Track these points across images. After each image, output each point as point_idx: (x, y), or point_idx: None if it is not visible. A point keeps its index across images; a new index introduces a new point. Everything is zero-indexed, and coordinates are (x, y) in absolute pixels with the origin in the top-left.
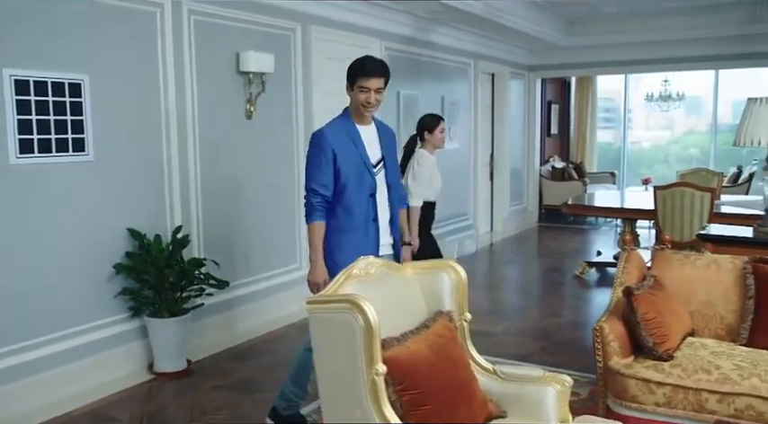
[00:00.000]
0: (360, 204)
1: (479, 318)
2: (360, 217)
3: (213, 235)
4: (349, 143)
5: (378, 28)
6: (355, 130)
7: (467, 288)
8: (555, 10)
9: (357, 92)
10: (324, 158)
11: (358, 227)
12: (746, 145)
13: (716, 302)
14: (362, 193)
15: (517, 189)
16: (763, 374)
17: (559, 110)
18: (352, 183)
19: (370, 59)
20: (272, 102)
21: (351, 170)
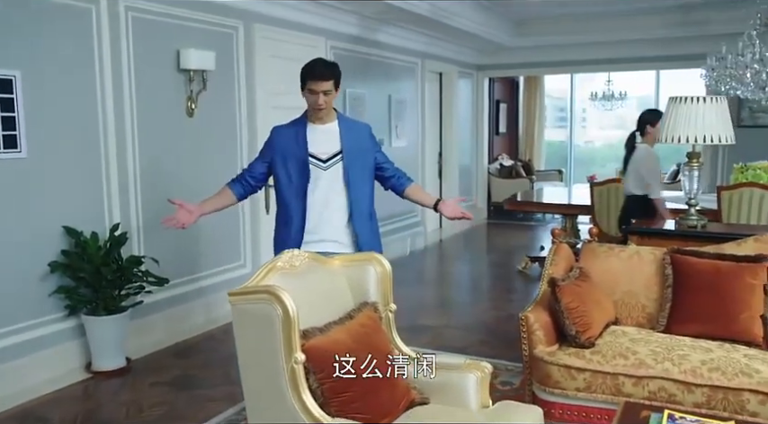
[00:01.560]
0: (294, 200)
1: (424, 312)
2: (294, 212)
3: (154, 233)
4: (293, 141)
5: (324, 27)
6: (303, 130)
7: (391, 280)
8: (501, 11)
9: (307, 94)
10: (263, 149)
11: (289, 221)
12: (668, 142)
13: (638, 291)
14: (297, 189)
15: (466, 186)
16: (675, 358)
17: (508, 109)
18: (284, 178)
19: (319, 63)
20: (214, 100)
21: (288, 165)
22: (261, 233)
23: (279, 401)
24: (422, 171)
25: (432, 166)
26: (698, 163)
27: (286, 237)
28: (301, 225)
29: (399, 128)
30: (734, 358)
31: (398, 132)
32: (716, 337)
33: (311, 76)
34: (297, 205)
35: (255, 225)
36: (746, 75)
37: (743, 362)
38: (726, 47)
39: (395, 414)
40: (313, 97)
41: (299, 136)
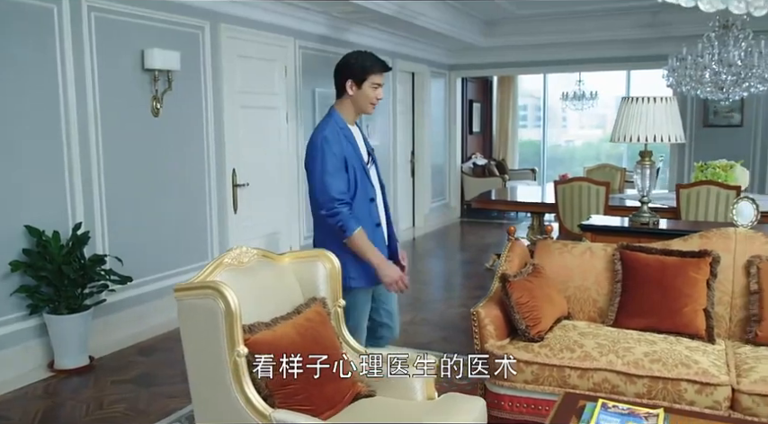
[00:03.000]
0: (365, 210)
1: None
2: (367, 225)
3: (120, 232)
4: (348, 146)
5: (292, 27)
6: (349, 131)
7: (340, 276)
8: (470, 11)
9: (368, 88)
10: (336, 164)
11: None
12: (621, 141)
13: (589, 286)
14: (365, 198)
15: (439, 185)
16: (620, 350)
17: (481, 109)
18: (358, 189)
19: (374, 54)
20: (179, 100)
21: (357, 174)
22: (228, 232)
23: (222, 394)
24: (394, 170)
25: (404, 165)
26: (650, 161)
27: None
28: (381, 234)
29: (370, 127)
30: (676, 350)
31: (369, 131)
32: (662, 330)
33: (379, 68)
34: (371, 212)
35: (223, 224)
36: (705, 75)
37: (684, 354)
38: (686, 48)
39: (340, 406)
40: (376, 91)
41: (350, 140)
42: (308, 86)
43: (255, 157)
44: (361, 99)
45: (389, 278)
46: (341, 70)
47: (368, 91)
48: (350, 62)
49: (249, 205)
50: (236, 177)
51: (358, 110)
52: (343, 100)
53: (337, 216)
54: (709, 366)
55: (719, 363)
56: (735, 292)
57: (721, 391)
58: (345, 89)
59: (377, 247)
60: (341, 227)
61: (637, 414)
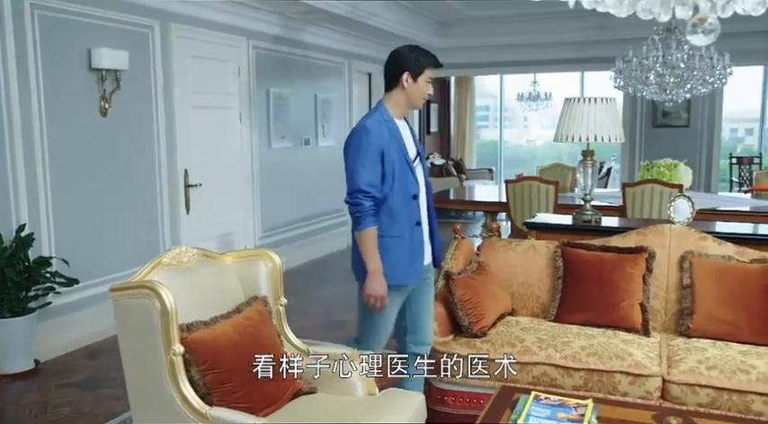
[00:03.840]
0: (403, 206)
1: (343, 308)
2: (404, 221)
3: (67, 233)
4: (392, 139)
5: (245, 27)
6: (395, 125)
7: (282, 275)
8: (423, 12)
9: (423, 82)
10: (370, 155)
11: (403, 232)
12: (564, 140)
13: (533, 283)
14: (406, 194)
15: None
16: (559, 345)
17: (439, 109)
18: (396, 184)
19: (424, 48)
20: (129, 100)
21: (396, 168)
22: (181, 233)
23: (159, 393)
24: None
25: None
26: (591, 160)
27: (407, 249)
28: (420, 233)
29: (326, 127)
30: (612, 343)
31: (325, 132)
32: (600, 324)
33: (434, 63)
34: (412, 210)
35: (175, 225)
36: (650, 77)
37: (619, 347)
38: (632, 50)
39: (279, 403)
40: (428, 86)
41: (395, 134)
42: (262, 86)
43: (208, 157)
44: (415, 92)
45: (371, 291)
46: (397, 63)
47: (422, 85)
48: (406, 55)
49: (202, 205)
50: (188, 177)
51: (409, 103)
52: (394, 93)
53: (357, 207)
54: (642, 358)
55: (652, 355)
56: (669, 286)
57: (652, 381)
58: (399, 82)
59: (415, 246)
60: (356, 219)
61: (567, 405)
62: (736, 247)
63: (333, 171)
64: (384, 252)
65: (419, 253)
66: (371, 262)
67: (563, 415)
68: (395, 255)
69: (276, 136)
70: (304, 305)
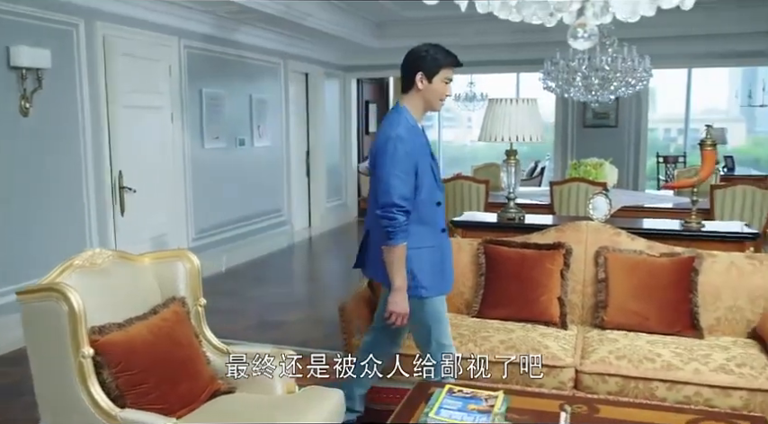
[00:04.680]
0: (432, 215)
1: (277, 309)
2: (433, 229)
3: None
4: (423, 146)
5: (176, 26)
6: (420, 130)
7: (200, 275)
8: (358, 13)
9: (439, 83)
10: (405, 166)
11: (435, 241)
12: (487, 140)
13: (457, 279)
14: (432, 202)
15: (335, 185)
16: (479, 340)
17: (378, 109)
18: (426, 192)
19: (446, 48)
20: (52, 99)
21: (426, 177)
22: (110, 236)
23: (68, 396)
24: (287, 170)
25: (299, 165)
26: (515, 160)
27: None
28: (448, 239)
29: (262, 127)
30: (530, 337)
31: (261, 132)
32: (521, 318)
33: (451, 62)
34: (438, 217)
35: (104, 228)
36: (576, 79)
37: (537, 340)
38: (559, 52)
39: (197, 404)
40: (447, 87)
41: (422, 140)
42: (195, 86)
43: (141, 158)
44: (430, 94)
45: (395, 307)
46: (411, 62)
47: (438, 86)
48: (421, 54)
49: (135, 207)
50: (122, 179)
51: (426, 106)
52: (411, 95)
53: (391, 222)
54: (558, 351)
55: (568, 347)
56: (586, 281)
57: (566, 372)
58: (414, 83)
59: (447, 253)
60: (388, 233)
61: (478, 397)
62: (647, 242)
63: (270, 171)
64: (420, 263)
65: (449, 260)
66: (398, 279)
67: (473, 406)
68: (431, 265)
69: (209, 136)
70: (238, 306)
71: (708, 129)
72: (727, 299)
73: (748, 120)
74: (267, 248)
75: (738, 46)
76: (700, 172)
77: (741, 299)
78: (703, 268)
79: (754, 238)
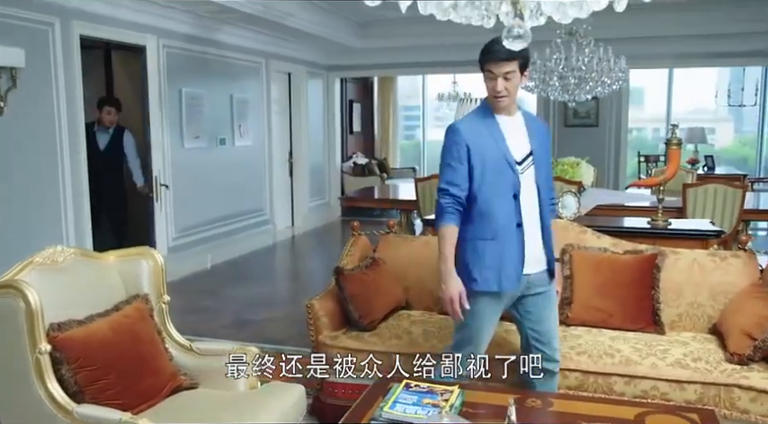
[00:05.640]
0: (500, 207)
1: (253, 308)
2: (500, 222)
3: None
4: (486, 136)
5: (155, 25)
6: (494, 121)
7: (164, 273)
8: (340, 13)
9: (485, 78)
10: (455, 154)
11: (498, 234)
12: None
13: (426, 277)
14: (503, 194)
15: (318, 184)
16: (443, 336)
17: (362, 109)
18: (489, 183)
19: (497, 40)
20: (27, 98)
21: (488, 167)
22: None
23: (25, 392)
24: (269, 169)
25: (281, 165)
26: None
27: (502, 252)
28: (521, 236)
29: (243, 127)
30: (496, 332)
31: (242, 131)
32: None
33: (489, 56)
34: (511, 210)
35: (81, 228)
36: (553, 78)
37: (501, 336)
38: (537, 53)
39: (157, 399)
40: (491, 82)
41: (492, 131)
42: (174, 86)
43: None
44: (486, 89)
45: (444, 293)
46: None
47: (485, 80)
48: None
49: None
50: None
51: (490, 100)
52: None
53: (437, 204)
54: (519, 346)
55: None
56: None
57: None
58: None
59: (512, 250)
60: (436, 214)
61: (434, 391)
62: (612, 239)
63: (252, 170)
64: (475, 255)
65: (517, 258)
66: (442, 262)
67: (428, 401)
68: (487, 259)
69: (189, 135)
70: (216, 305)
71: (673, 129)
72: (689, 296)
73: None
74: (249, 247)
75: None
76: (666, 170)
77: (702, 296)
78: (666, 265)
79: (717, 236)
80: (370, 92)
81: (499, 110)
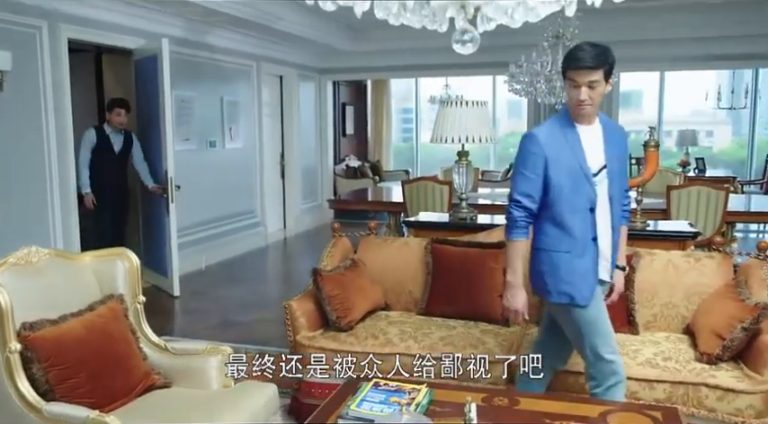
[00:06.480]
0: (575, 220)
1: (240, 309)
2: (576, 237)
3: None
4: (565, 147)
5: (144, 29)
6: (573, 132)
7: (139, 273)
8: (332, 16)
9: (568, 86)
10: (530, 164)
11: (574, 248)
12: (438, 142)
13: (406, 278)
14: (579, 207)
15: (310, 187)
16: (419, 336)
17: (355, 112)
18: (566, 195)
19: (581, 47)
20: (13, 101)
21: (565, 179)
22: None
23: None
24: (260, 171)
25: (273, 167)
26: (466, 161)
27: (577, 265)
28: (595, 250)
29: (234, 129)
30: (471, 333)
31: (233, 134)
32: (465, 316)
33: (572, 64)
34: (586, 224)
35: (68, 229)
36: (540, 81)
37: (476, 336)
38: (524, 56)
39: (129, 398)
40: (574, 91)
41: (572, 142)
42: None
43: None
44: (568, 99)
45: (508, 303)
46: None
47: (569, 90)
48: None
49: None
50: None
51: (571, 109)
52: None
53: (508, 216)
54: (494, 346)
55: (506, 344)
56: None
57: (500, 367)
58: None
59: (588, 264)
60: (507, 227)
61: (402, 390)
62: None
63: (242, 172)
64: (550, 267)
65: (592, 274)
66: (510, 274)
67: (395, 399)
68: (562, 272)
69: (179, 137)
70: (203, 306)
71: (651, 131)
72: (664, 296)
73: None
74: (241, 249)
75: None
76: (644, 172)
77: (677, 296)
78: (641, 266)
79: (694, 237)
80: (363, 95)
81: (581, 120)
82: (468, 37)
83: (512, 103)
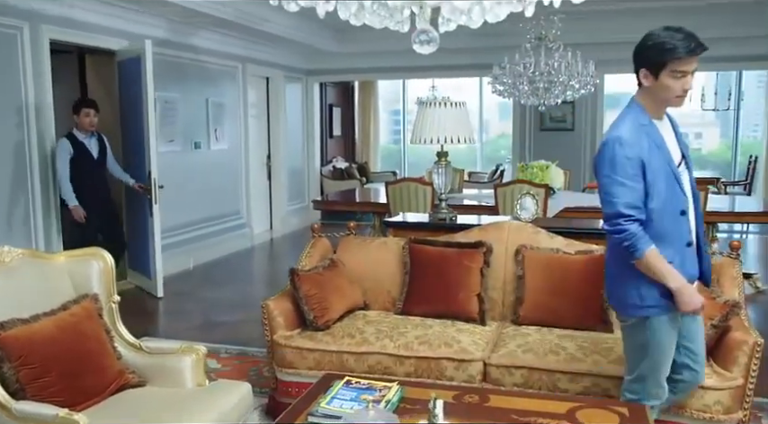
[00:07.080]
0: (672, 226)
1: (225, 309)
2: (674, 244)
3: None
4: (653, 146)
5: (127, 30)
6: (653, 128)
7: (114, 273)
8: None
9: (667, 79)
10: (629, 171)
11: (673, 256)
12: (418, 143)
13: (384, 278)
14: (673, 211)
15: (297, 188)
16: (395, 335)
17: (342, 113)
18: (662, 200)
19: (682, 34)
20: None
21: (660, 182)
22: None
23: None
24: (246, 173)
25: (259, 169)
26: (446, 161)
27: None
28: (692, 256)
29: (219, 131)
30: (446, 332)
31: (218, 135)
32: (442, 315)
33: (682, 52)
34: (682, 229)
35: (49, 232)
36: (523, 82)
37: (451, 335)
38: (507, 57)
39: (102, 397)
40: (680, 81)
41: (656, 139)
42: None
43: None
44: (661, 92)
45: (686, 306)
46: (635, 56)
47: (667, 82)
48: (647, 44)
49: None
50: None
51: (661, 102)
52: (643, 90)
53: (623, 234)
54: (469, 345)
55: (481, 342)
56: (506, 278)
57: (475, 366)
58: (640, 79)
59: (686, 270)
60: (627, 248)
61: (374, 388)
62: (566, 240)
63: (228, 174)
64: (654, 280)
65: (689, 278)
66: (670, 281)
67: (366, 397)
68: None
69: (164, 139)
70: (186, 306)
71: None
72: None
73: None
74: (226, 250)
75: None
76: None
77: None
78: None
79: None
80: (350, 97)
81: (659, 114)
82: (427, 37)
83: (502, 105)
